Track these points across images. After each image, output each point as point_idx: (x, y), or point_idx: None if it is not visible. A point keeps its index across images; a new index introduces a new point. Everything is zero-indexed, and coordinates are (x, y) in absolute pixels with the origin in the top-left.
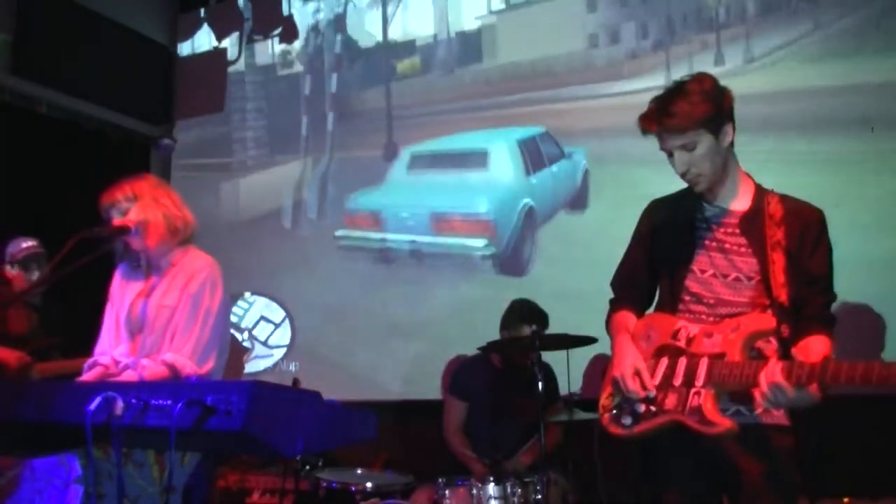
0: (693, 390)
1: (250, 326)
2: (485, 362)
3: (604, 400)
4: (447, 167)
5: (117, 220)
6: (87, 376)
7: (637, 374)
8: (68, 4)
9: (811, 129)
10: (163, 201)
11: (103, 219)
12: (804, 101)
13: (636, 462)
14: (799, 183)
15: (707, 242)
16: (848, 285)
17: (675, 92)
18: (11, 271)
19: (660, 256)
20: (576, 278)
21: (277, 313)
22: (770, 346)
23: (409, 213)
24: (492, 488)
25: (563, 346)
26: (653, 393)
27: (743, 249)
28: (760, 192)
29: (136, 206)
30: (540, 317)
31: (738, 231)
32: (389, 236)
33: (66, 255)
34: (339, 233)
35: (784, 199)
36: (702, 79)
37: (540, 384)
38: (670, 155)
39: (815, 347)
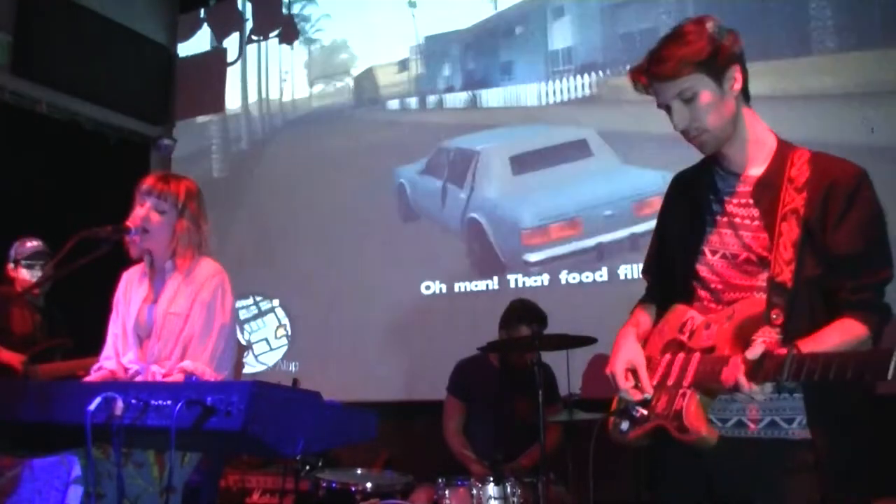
0: (680, 391)
1: (249, 319)
2: (484, 362)
3: (616, 402)
4: (553, 163)
5: (138, 212)
6: (92, 378)
7: (632, 372)
8: (68, 4)
9: (810, 129)
10: (202, 226)
11: (137, 195)
12: (804, 101)
13: (636, 465)
14: None
15: (718, 218)
16: None
17: (669, 36)
18: (15, 271)
19: (671, 238)
20: None
21: (277, 313)
22: (771, 339)
23: (612, 210)
24: (492, 488)
25: (563, 346)
26: (650, 394)
27: (756, 224)
28: (783, 151)
29: (178, 219)
30: (538, 317)
31: (750, 201)
32: (604, 238)
33: (67, 255)
34: (533, 257)
35: (814, 157)
36: (702, 19)
37: (539, 384)
38: (667, 112)
39: (825, 337)
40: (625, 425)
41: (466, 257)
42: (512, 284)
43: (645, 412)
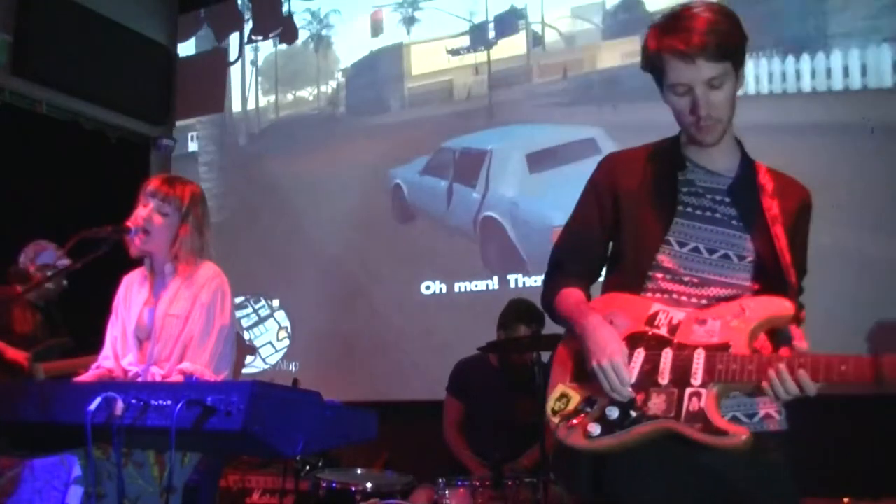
0: (689, 391)
1: (250, 326)
2: (483, 362)
3: (553, 403)
4: (566, 161)
5: (140, 213)
6: (88, 375)
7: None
8: (68, 4)
9: (810, 129)
10: (205, 232)
11: (141, 195)
12: (803, 101)
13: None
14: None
15: (690, 210)
16: (849, 287)
17: (694, 10)
18: (27, 271)
19: (628, 221)
20: None
21: (278, 313)
22: (764, 340)
23: None
24: (492, 488)
25: None
26: (631, 393)
27: (734, 223)
28: (748, 159)
29: (181, 224)
30: (537, 316)
31: (728, 200)
32: None
33: (67, 254)
34: None
35: (771, 171)
36: (716, 3)
37: (538, 384)
38: (684, 93)
39: (799, 339)
40: (595, 429)
41: (478, 257)
42: (512, 284)
43: (633, 413)
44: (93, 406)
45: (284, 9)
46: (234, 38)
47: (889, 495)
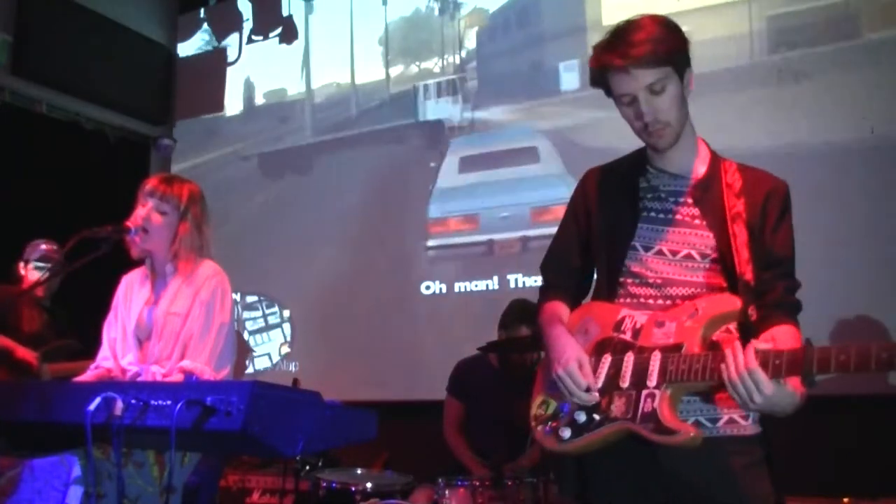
0: (645, 392)
1: (255, 331)
2: (483, 362)
3: (536, 409)
4: (499, 165)
5: (139, 212)
6: (88, 376)
7: (581, 369)
8: (68, 4)
9: (811, 129)
10: (204, 230)
11: (140, 195)
12: (804, 99)
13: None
14: (796, 182)
15: (653, 214)
16: (849, 287)
17: (631, 25)
18: (25, 270)
19: (597, 232)
20: None
21: (278, 312)
22: (731, 337)
23: (509, 212)
24: (492, 488)
25: None
26: (596, 397)
27: (697, 222)
28: (716, 159)
29: (180, 222)
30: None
31: (690, 201)
32: (496, 236)
33: (68, 254)
34: (430, 242)
35: (743, 168)
36: (654, 16)
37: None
38: (629, 103)
39: (782, 338)
40: (566, 432)
41: (477, 257)
42: (512, 284)
43: (597, 416)
44: (92, 406)
45: (284, 9)
46: (233, 38)
47: (889, 495)
